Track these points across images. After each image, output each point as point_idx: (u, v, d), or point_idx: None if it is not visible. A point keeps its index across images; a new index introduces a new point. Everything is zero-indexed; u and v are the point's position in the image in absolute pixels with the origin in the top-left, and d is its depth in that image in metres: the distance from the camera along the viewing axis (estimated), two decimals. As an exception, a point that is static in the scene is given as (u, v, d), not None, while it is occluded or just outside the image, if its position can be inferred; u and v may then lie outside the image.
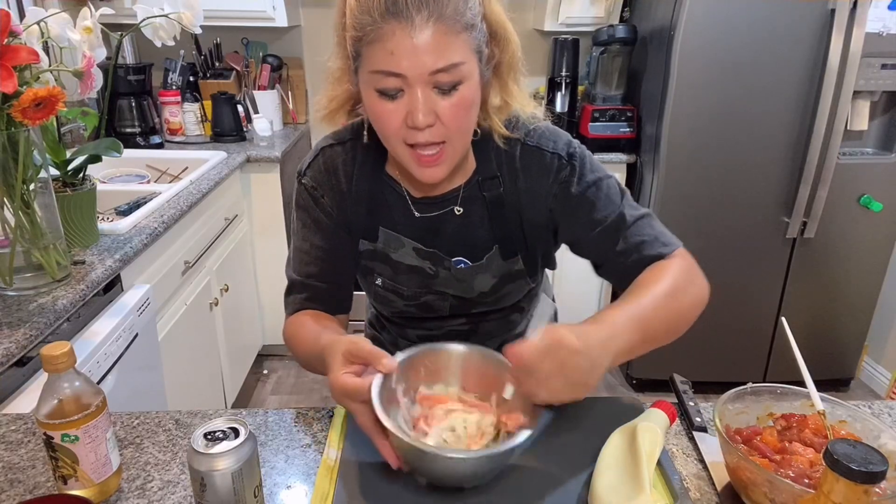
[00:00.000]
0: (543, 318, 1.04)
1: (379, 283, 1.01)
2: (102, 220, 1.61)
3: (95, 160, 1.38)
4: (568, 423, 0.84)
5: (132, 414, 0.88)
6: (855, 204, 2.34)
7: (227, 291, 2.22)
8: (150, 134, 2.58)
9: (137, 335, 1.43)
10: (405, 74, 0.75)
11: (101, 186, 1.55)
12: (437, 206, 0.95)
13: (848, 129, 2.26)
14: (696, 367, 2.52)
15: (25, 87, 1.04)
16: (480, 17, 0.79)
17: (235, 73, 2.79)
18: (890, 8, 2.11)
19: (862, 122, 2.29)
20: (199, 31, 1.34)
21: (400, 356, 0.78)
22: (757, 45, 2.14)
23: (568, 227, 0.94)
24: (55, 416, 0.67)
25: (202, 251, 2.00)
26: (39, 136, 1.15)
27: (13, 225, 1.13)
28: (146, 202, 1.76)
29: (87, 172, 1.41)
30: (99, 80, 1.18)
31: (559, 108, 2.75)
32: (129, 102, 2.52)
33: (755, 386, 0.79)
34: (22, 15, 1.88)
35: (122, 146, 1.38)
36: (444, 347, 0.82)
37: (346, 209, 0.96)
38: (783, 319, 0.88)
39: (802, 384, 0.77)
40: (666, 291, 0.83)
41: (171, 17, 1.31)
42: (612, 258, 0.92)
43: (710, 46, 2.16)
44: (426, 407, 0.78)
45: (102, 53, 1.20)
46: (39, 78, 1.09)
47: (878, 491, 0.62)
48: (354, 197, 0.95)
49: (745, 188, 2.32)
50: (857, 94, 2.21)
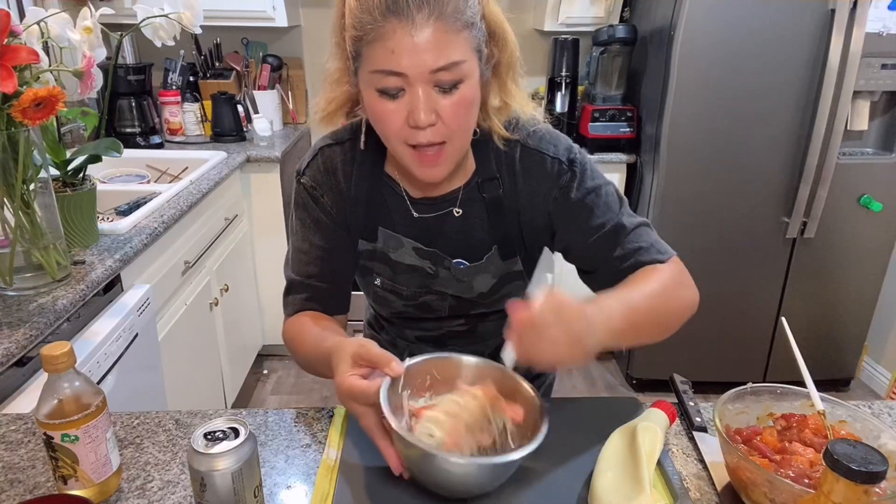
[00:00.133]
0: (543, 272, 1.03)
1: (378, 283, 1.01)
2: (102, 220, 1.61)
3: (95, 160, 1.38)
4: (568, 423, 0.84)
5: (132, 414, 0.88)
6: (855, 204, 2.34)
7: (227, 291, 2.22)
8: (150, 134, 2.58)
9: (137, 335, 1.43)
10: (406, 73, 0.75)
11: (101, 186, 1.55)
12: (436, 206, 0.95)
13: (848, 129, 2.26)
14: (696, 367, 2.52)
15: (25, 87, 1.04)
16: (480, 15, 0.79)
17: (235, 73, 2.79)
18: (890, 8, 2.11)
19: (862, 122, 2.29)
20: (199, 31, 1.34)
21: (409, 361, 0.77)
22: (757, 45, 2.14)
23: (565, 231, 0.94)
24: (55, 416, 0.67)
25: (202, 251, 2.00)
26: (39, 136, 1.15)
27: (13, 225, 1.13)
28: (146, 202, 1.76)
29: (87, 172, 1.41)
30: (99, 80, 1.18)
31: (559, 108, 2.75)
32: (129, 102, 2.52)
33: (755, 386, 0.79)
34: (22, 15, 1.88)
35: (122, 146, 1.38)
36: (454, 357, 0.81)
37: (344, 209, 0.96)
38: (783, 319, 0.88)
39: (802, 384, 0.77)
40: (656, 289, 0.85)
41: (171, 17, 1.31)
42: (607, 264, 0.92)
43: (710, 46, 2.16)
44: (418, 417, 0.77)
45: (102, 53, 1.20)
46: (39, 78, 1.09)
47: (878, 491, 0.62)
48: (353, 197, 0.95)
49: (745, 188, 2.32)
50: (857, 94, 2.21)
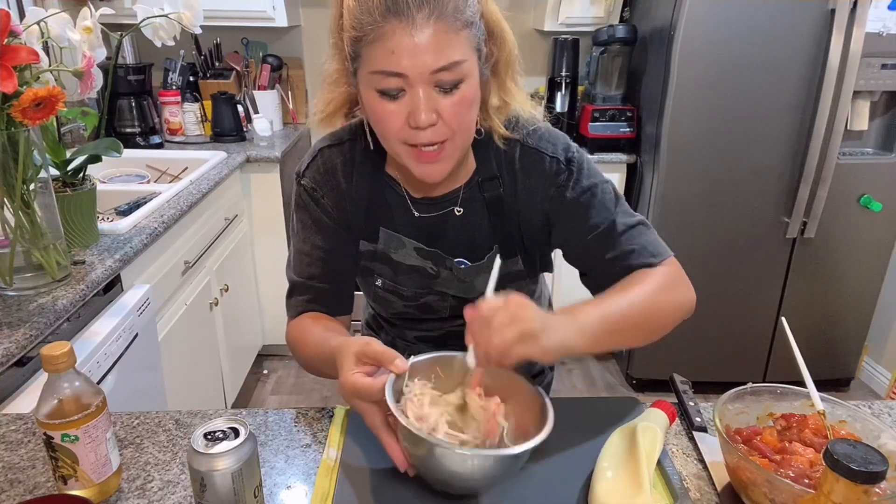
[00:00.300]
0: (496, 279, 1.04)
1: (379, 283, 1.01)
2: (102, 220, 1.61)
3: (95, 160, 1.38)
4: (568, 423, 0.84)
5: (132, 414, 0.88)
6: (855, 204, 2.34)
7: (227, 291, 2.22)
8: (149, 134, 2.58)
9: (137, 335, 1.43)
10: (406, 74, 0.74)
11: (101, 186, 1.55)
12: (436, 206, 0.95)
13: (848, 129, 2.26)
14: (696, 367, 2.51)
15: (25, 87, 1.04)
16: (479, 15, 0.79)
17: (235, 73, 2.79)
18: (890, 8, 2.11)
19: (862, 122, 2.29)
20: (199, 31, 1.34)
21: (413, 359, 0.77)
22: (757, 45, 2.14)
23: (561, 230, 0.94)
24: (55, 416, 0.67)
25: (202, 251, 2.00)
26: (39, 136, 1.15)
27: (13, 225, 1.13)
28: (146, 202, 1.76)
29: (87, 172, 1.41)
30: (99, 80, 1.18)
31: (559, 108, 2.75)
32: (129, 102, 2.52)
33: (755, 386, 0.79)
34: (22, 15, 1.89)
35: (121, 146, 1.38)
36: (459, 355, 0.80)
37: (345, 209, 0.96)
38: (783, 319, 0.88)
39: (802, 384, 0.77)
40: (640, 295, 0.84)
41: (171, 17, 1.31)
42: (599, 266, 0.92)
43: (710, 46, 2.16)
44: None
45: (102, 53, 1.20)
46: (39, 78, 1.09)
47: (878, 491, 0.62)
48: (354, 197, 0.95)
49: (745, 188, 2.32)
50: (857, 94, 2.21)
